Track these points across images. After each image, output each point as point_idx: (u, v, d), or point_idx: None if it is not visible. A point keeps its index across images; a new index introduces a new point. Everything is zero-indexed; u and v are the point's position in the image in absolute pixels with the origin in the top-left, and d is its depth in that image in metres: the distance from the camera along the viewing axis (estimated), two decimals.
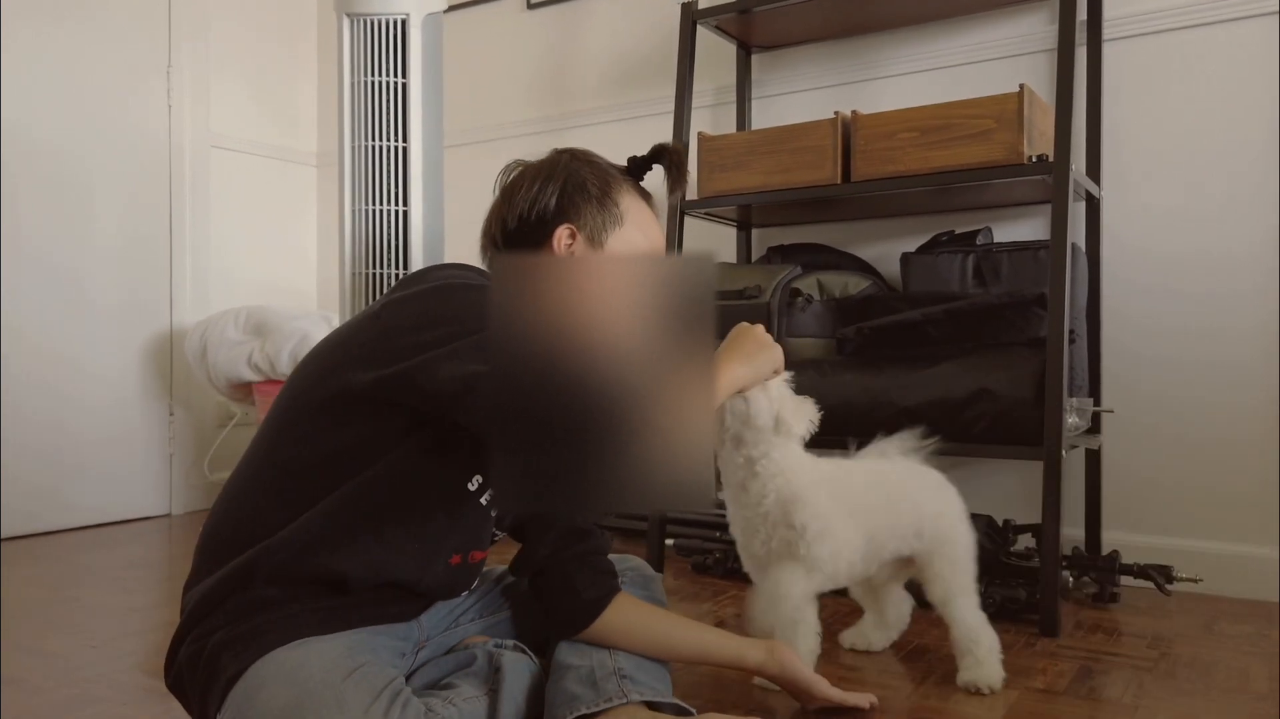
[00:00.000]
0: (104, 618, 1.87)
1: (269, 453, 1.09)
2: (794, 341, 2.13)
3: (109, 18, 2.95)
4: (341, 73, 2.13)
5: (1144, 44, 2.17)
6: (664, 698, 1.16)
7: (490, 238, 1.25)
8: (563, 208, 1.20)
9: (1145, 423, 2.15)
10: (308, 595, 1.05)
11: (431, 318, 1.03)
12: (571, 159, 1.25)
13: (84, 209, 2.90)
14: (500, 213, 1.23)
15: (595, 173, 1.24)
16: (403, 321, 1.05)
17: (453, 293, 1.06)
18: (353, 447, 1.05)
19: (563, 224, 1.20)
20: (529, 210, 1.20)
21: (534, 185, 1.21)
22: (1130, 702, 1.42)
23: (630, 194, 1.26)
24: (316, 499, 1.05)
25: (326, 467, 1.06)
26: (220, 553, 1.07)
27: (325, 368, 1.09)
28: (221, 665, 1.00)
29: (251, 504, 1.08)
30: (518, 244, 1.21)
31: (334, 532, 1.04)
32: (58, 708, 1.40)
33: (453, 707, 1.03)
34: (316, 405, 1.07)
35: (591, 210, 1.21)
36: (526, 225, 1.20)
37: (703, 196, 2.26)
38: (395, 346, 1.03)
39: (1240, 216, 2.07)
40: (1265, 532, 2.02)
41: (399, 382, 1.02)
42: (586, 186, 1.21)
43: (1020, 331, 1.94)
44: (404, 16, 2.06)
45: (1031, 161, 1.89)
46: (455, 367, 0.97)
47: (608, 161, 1.28)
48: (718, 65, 2.69)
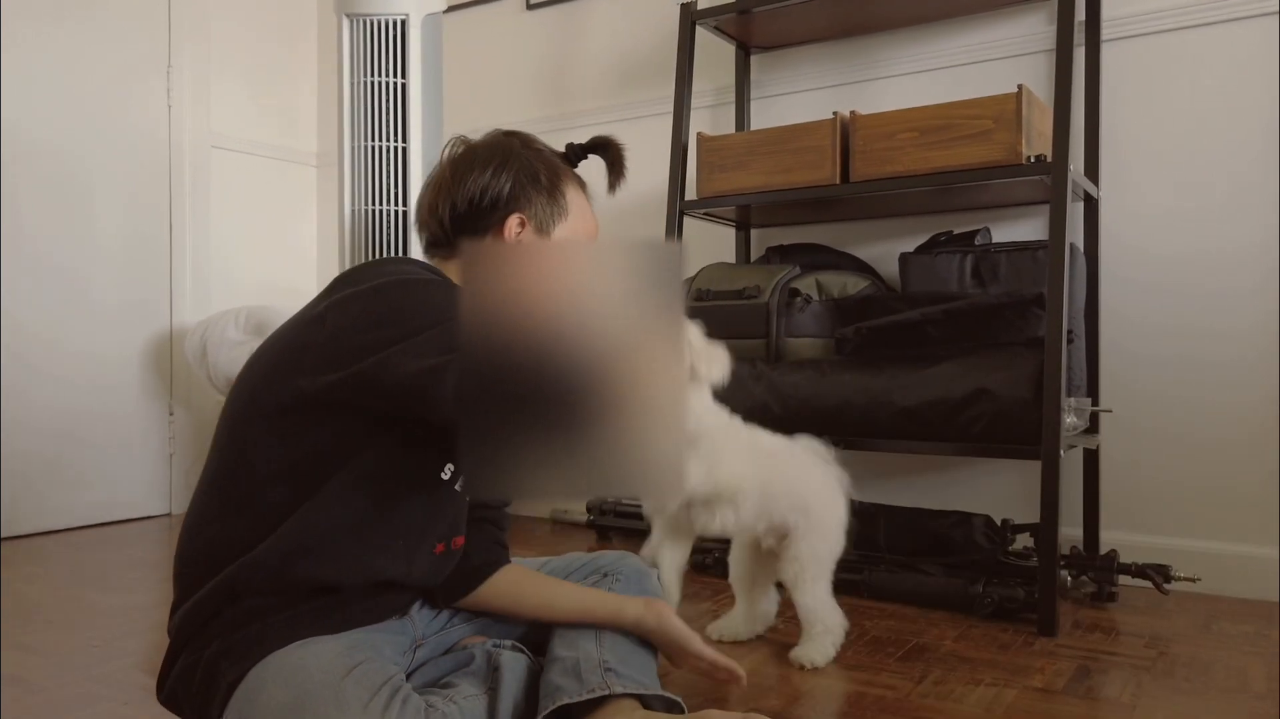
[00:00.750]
0: (105, 617, 1.88)
1: (230, 470, 1.07)
2: (793, 342, 2.14)
3: (109, 18, 2.95)
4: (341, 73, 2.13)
5: (1142, 44, 2.17)
6: (649, 690, 1.16)
7: (436, 217, 1.22)
8: (515, 196, 1.20)
9: (1143, 422, 2.16)
10: (300, 599, 1.04)
11: (382, 317, 1.02)
12: (523, 146, 1.24)
13: (84, 209, 2.90)
14: (449, 192, 1.21)
15: (544, 163, 1.23)
16: (352, 322, 1.03)
17: (400, 290, 1.05)
18: (316, 453, 1.04)
19: (514, 213, 1.20)
20: (480, 195, 1.19)
21: (487, 170, 1.20)
22: (1128, 701, 1.42)
23: (572, 185, 1.26)
24: (287, 511, 1.03)
25: (291, 477, 1.04)
26: (199, 576, 1.05)
27: (273, 377, 1.06)
28: (220, 673, 1.00)
29: (220, 525, 1.06)
30: (466, 228, 1.20)
31: (313, 541, 1.03)
32: (59, 707, 1.41)
33: (453, 704, 1.03)
34: (271, 415, 1.05)
35: (542, 201, 1.21)
36: (477, 210, 1.20)
37: (702, 197, 2.26)
38: (348, 348, 1.02)
39: (1239, 217, 2.07)
40: (1264, 531, 2.03)
41: (357, 382, 1.00)
42: (539, 177, 1.21)
43: (1019, 332, 1.94)
44: (404, 17, 2.06)
45: (1030, 162, 1.90)
46: (416, 361, 0.96)
47: (550, 149, 1.28)
48: (717, 66, 2.70)
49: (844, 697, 1.44)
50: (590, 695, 1.11)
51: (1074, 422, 1.94)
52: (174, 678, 1.05)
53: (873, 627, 1.79)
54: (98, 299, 2.93)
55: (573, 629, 1.25)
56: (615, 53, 2.93)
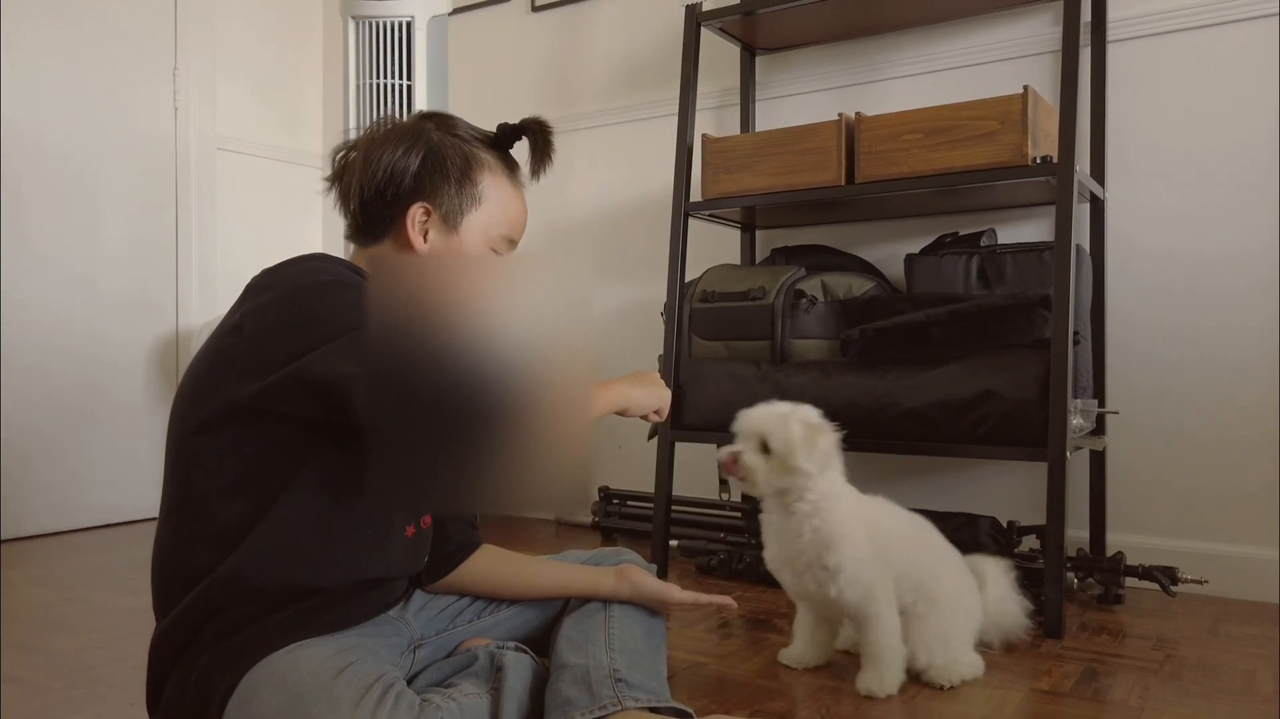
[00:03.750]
0: (109, 618, 1.88)
1: (181, 494, 1.05)
2: (798, 343, 2.14)
3: (115, 20, 2.96)
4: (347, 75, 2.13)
5: (1148, 45, 2.16)
6: (661, 702, 1.14)
7: (349, 204, 1.18)
8: (420, 186, 1.15)
9: (1150, 424, 2.15)
10: (285, 604, 1.03)
11: (297, 322, 0.99)
12: (435, 129, 1.18)
13: (91, 210, 2.91)
14: (359, 176, 1.15)
15: (457, 149, 1.17)
16: (270, 326, 1.00)
17: (316, 293, 1.01)
18: (262, 462, 1.02)
19: (418, 202, 1.15)
20: (385, 182, 1.14)
21: (396, 153, 1.14)
22: (1135, 703, 1.42)
23: (493, 170, 1.19)
24: (248, 524, 1.02)
25: (243, 490, 1.02)
26: (175, 599, 1.04)
27: (202, 390, 1.04)
28: (213, 684, 0.99)
29: (185, 551, 1.04)
30: (371, 216, 1.16)
31: (282, 548, 1.02)
32: (62, 707, 1.41)
33: (452, 701, 1.02)
34: (209, 430, 1.03)
35: (450, 190, 1.15)
36: (381, 199, 1.15)
37: (707, 198, 2.26)
38: (269, 356, 0.99)
39: (1245, 217, 2.06)
40: (1271, 533, 2.02)
41: (282, 388, 0.98)
42: (446, 165, 1.15)
43: (1024, 333, 1.94)
44: (409, 19, 2.06)
45: (1036, 163, 1.89)
46: (333, 367, 0.94)
47: (473, 131, 1.21)
48: (722, 67, 2.70)
49: (849, 698, 1.43)
50: (602, 713, 1.10)
51: (1080, 423, 1.93)
52: (167, 696, 1.04)
53: None
54: (104, 300, 2.94)
55: (580, 632, 1.24)
56: (620, 54, 2.93)
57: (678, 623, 1.82)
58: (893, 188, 2.02)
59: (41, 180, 2.79)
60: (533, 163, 1.23)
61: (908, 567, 1.49)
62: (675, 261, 2.29)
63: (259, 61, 3.41)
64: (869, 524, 1.47)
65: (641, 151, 2.88)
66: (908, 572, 1.48)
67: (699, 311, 2.24)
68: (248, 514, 1.02)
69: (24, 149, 2.76)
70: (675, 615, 1.83)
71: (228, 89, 3.29)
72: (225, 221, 3.29)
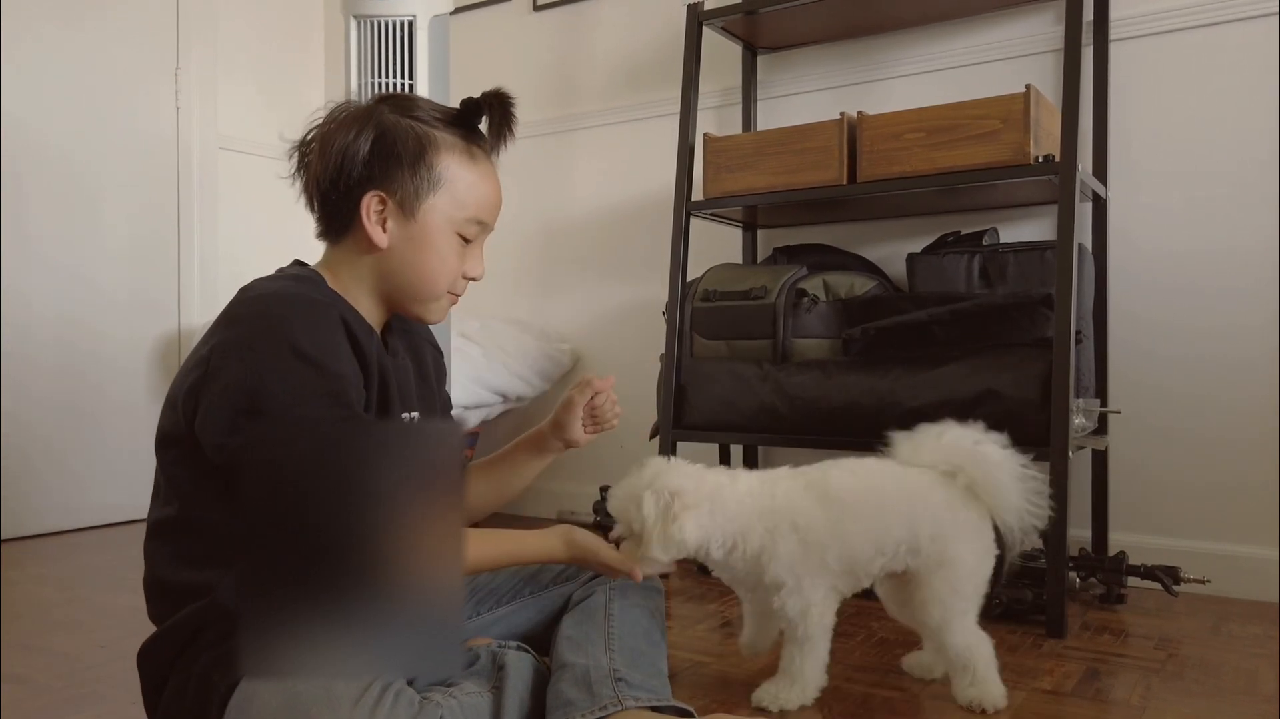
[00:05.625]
0: (110, 618, 1.88)
1: (169, 521, 1.06)
2: (800, 343, 2.13)
3: (117, 20, 2.96)
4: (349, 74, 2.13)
5: (1150, 44, 2.16)
6: (661, 701, 1.14)
7: (309, 194, 1.15)
8: (371, 174, 1.09)
9: (1153, 423, 2.15)
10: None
11: (240, 405, 0.98)
12: (390, 111, 1.12)
13: (93, 210, 2.91)
14: (315, 169, 1.12)
15: (410, 130, 1.11)
16: (223, 392, 0.99)
17: (270, 359, 0.98)
18: (222, 489, 1.02)
19: (371, 191, 1.09)
20: (338, 173, 1.09)
21: (347, 137, 1.09)
22: (1137, 703, 1.41)
23: (453, 151, 1.13)
24: (228, 552, 1.02)
25: (214, 512, 1.03)
26: (169, 611, 1.05)
27: (176, 415, 1.05)
28: (212, 686, 1.00)
29: (183, 568, 1.05)
30: (330, 210, 1.13)
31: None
32: (64, 707, 1.41)
33: (453, 699, 1.02)
34: (184, 448, 1.04)
35: (404, 176, 1.09)
36: (337, 190, 1.11)
37: (708, 197, 2.26)
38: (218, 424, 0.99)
39: (1247, 215, 2.06)
40: (1274, 533, 2.01)
41: (226, 460, 0.99)
42: (397, 149, 1.09)
43: (1026, 332, 1.94)
44: (411, 18, 2.06)
45: (1038, 162, 1.89)
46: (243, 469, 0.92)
47: (435, 111, 1.15)
48: (724, 66, 2.69)
49: (852, 698, 1.43)
50: (603, 713, 1.10)
51: (1082, 422, 1.93)
52: (167, 697, 1.04)
53: (881, 628, 1.78)
54: (105, 300, 2.94)
55: (580, 631, 1.24)
56: (622, 54, 2.93)
57: (679, 622, 1.82)
58: (894, 187, 2.02)
59: (43, 180, 2.79)
60: (491, 137, 1.18)
61: (876, 533, 1.35)
62: (677, 261, 2.28)
63: (260, 61, 3.41)
64: (796, 516, 1.33)
65: (643, 151, 2.88)
66: (880, 538, 1.35)
67: (700, 311, 2.24)
68: (225, 544, 1.03)
69: (26, 148, 2.76)
70: (675, 614, 1.83)
71: (229, 88, 3.29)
72: (227, 221, 3.28)
